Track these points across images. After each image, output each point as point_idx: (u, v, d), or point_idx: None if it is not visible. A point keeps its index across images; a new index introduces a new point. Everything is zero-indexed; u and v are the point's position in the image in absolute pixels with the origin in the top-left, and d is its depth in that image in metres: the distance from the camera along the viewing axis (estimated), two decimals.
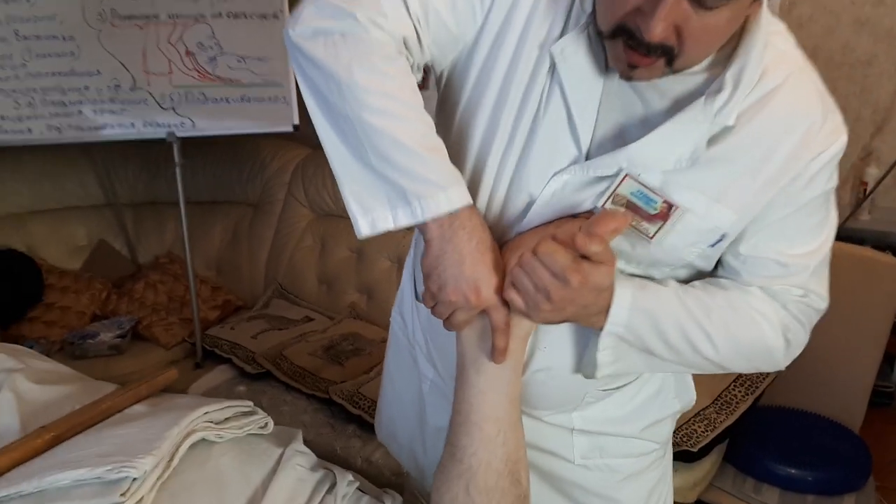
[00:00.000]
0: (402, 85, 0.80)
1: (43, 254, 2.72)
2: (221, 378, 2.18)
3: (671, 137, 0.77)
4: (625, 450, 1.02)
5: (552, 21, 0.80)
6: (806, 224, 0.83)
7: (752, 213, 0.81)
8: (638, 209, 0.79)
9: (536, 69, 0.81)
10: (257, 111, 2.35)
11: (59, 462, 0.91)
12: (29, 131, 2.21)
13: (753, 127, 0.78)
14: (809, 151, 0.78)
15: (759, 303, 0.85)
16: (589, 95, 0.79)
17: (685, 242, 0.82)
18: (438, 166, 0.79)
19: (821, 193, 0.82)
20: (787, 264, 0.84)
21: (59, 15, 2.17)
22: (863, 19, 2.41)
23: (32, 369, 1.18)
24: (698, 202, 0.79)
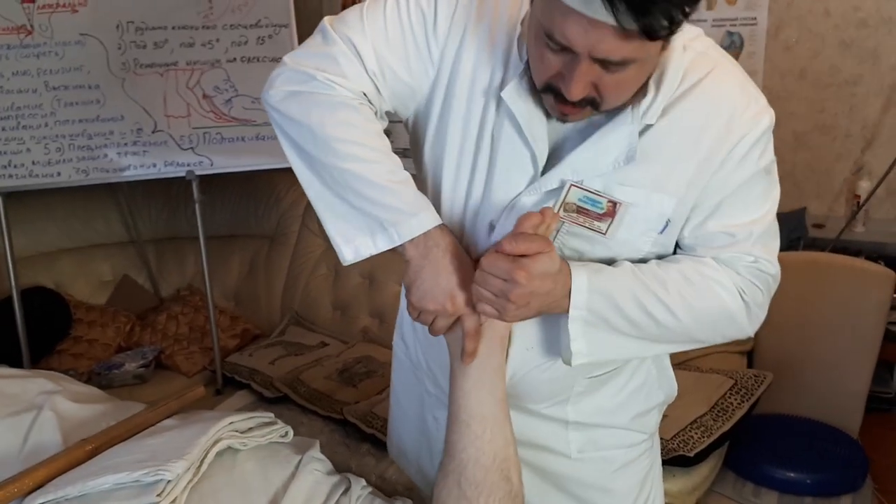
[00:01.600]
0: (366, 132, 0.92)
1: (71, 290, 2.85)
2: (241, 403, 2.28)
3: (604, 144, 0.87)
4: (616, 441, 1.09)
5: (492, 70, 0.92)
6: (747, 198, 0.92)
7: (692, 197, 0.90)
8: (588, 212, 0.90)
9: (485, 111, 0.93)
10: (271, 148, 2.48)
11: (100, 468, 1.01)
12: (58, 174, 2.35)
13: (677, 119, 0.87)
14: (734, 135, 0.87)
15: (711, 271, 0.92)
16: (538, 125, 0.90)
17: (636, 233, 0.91)
18: (407, 197, 0.91)
19: (755, 172, 0.90)
20: (734, 234, 0.92)
21: (86, 66, 2.32)
22: (847, 41, 2.51)
23: (70, 391, 1.28)
24: (639, 195, 0.89)
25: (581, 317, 0.89)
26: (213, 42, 2.40)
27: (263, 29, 2.44)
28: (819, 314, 2.09)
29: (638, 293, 0.90)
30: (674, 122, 0.88)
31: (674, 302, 0.91)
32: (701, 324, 0.94)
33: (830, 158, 2.63)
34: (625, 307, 0.90)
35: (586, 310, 0.89)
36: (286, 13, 2.44)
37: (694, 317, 0.92)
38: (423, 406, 1.20)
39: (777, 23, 2.56)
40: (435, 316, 0.92)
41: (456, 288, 0.90)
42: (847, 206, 2.63)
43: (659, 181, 0.89)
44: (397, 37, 0.94)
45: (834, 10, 2.49)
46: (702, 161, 0.88)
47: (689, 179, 0.89)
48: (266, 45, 2.44)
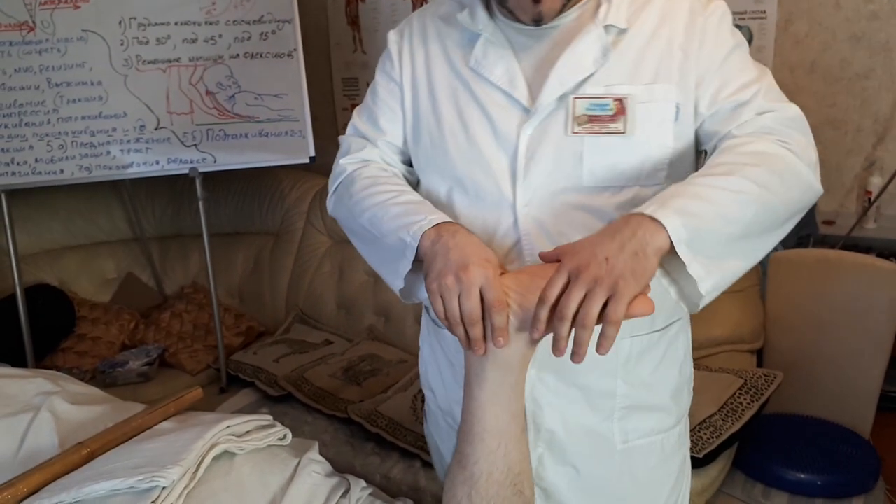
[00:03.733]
0: (370, 181, 1.07)
1: (75, 287, 2.84)
2: (245, 401, 2.27)
3: (579, 51, 0.96)
4: (657, 424, 1.09)
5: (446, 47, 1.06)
6: (736, 67, 0.97)
7: (690, 81, 0.96)
8: (599, 118, 0.95)
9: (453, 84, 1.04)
10: (275, 145, 2.47)
11: (95, 474, 0.99)
12: (61, 172, 2.35)
13: (644, 21, 0.97)
14: (700, 18, 0.97)
15: (749, 142, 0.90)
16: (511, 68, 0.99)
17: (653, 125, 0.96)
18: (414, 209, 0.99)
19: (732, 45, 0.97)
20: (743, 100, 0.95)
21: (89, 62, 2.31)
22: (858, 34, 2.46)
23: (68, 392, 1.27)
24: (638, 90, 0.95)
25: (683, 239, 0.80)
26: (215, 38, 2.39)
27: (267, 24, 2.42)
28: (829, 312, 2.06)
29: (713, 183, 0.84)
30: (642, 24, 0.97)
31: (742, 174, 0.85)
32: (774, 187, 0.86)
33: (841, 154, 2.59)
34: (714, 206, 0.83)
35: (686, 231, 0.80)
36: (290, 8, 2.42)
37: (764, 182, 0.85)
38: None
39: (787, 16, 2.52)
40: (456, 295, 0.87)
41: (467, 259, 0.88)
42: (858, 202, 2.59)
43: (650, 73, 0.96)
44: (374, 92, 1.14)
45: (845, 3, 2.44)
46: (682, 45, 0.96)
47: (677, 65, 0.96)
48: (269, 41, 2.43)
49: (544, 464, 1.08)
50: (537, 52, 1.00)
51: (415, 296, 1.04)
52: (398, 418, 1.98)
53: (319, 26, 2.92)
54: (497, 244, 1.01)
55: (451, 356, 1.13)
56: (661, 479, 1.12)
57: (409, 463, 1.90)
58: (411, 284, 1.01)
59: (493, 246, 1.00)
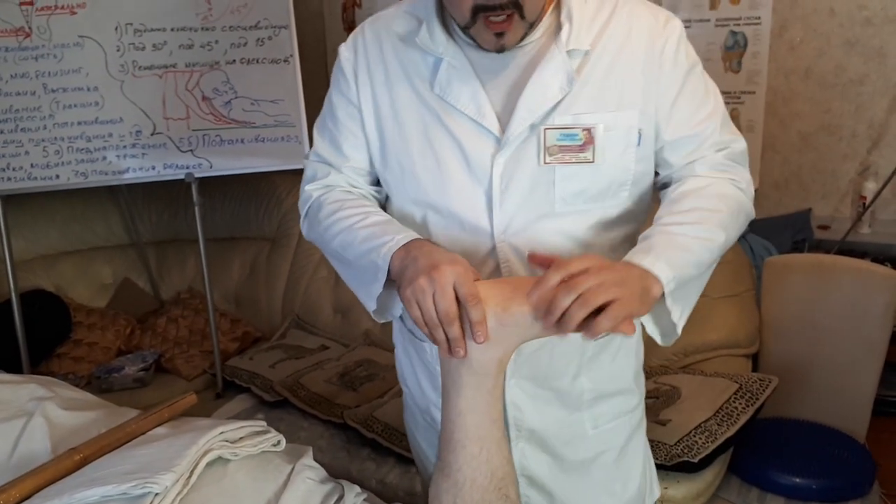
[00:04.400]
0: (340, 205, 1.08)
1: (71, 293, 2.84)
2: (241, 407, 2.27)
3: (545, 78, 0.97)
4: (621, 407, 1.15)
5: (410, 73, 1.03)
6: (694, 97, 1.02)
7: (651, 107, 0.99)
8: (570, 147, 0.98)
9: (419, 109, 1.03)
10: (271, 150, 2.47)
11: (87, 480, 0.99)
12: (57, 177, 2.34)
13: (606, 43, 0.99)
14: (658, 42, 0.99)
15: (700, 182, 1.01)
16: (477, 95, 0.99)
17: (618, 151, 0.99)
18: (381, 231, 1.00)
19: (689, 67, 1.01)
20: (698, 133, 1.02)
21: (85, 68, 2.31)
22: (852, 40, 2.48)
23: (62, 397, 1.27)
24: (604, 117, 0.98)
25: (671, 291, 0.91)
26: (212, 44, 2.39)
27: (263, 30, 2.43)
28: (825, 317, 2.07)
29: (689, 232, 0.95)
30: (603, 48, 0.98)
31: (711, 222, 0.96)
32: (732, 228, 1.00)
33: (836, 159, 2.60)
34: (691, 254, 0.94)
35: (674, 282, 0.91)
36: (286, 14, 2.42)
37: (726, 225, 0.98)
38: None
39: (781, 22, 2.53)
40: (430, 297, 0.88)
41: (437, 260, 0.90)
42: (853, 207, 2.60)
43: (615, 100, 0.98)
44: (333, 114, 1.12)
45: (839, 9, 2.46)
46: (643, 69, 0.98)
47: (639, 89, 0.99)
48: (266, 47, 2.43)
49: (527, 455, 1.13)
50: (502, 76, 1.00)
51: (388, 313, 1.07)
52: (394, 423, 1.98)
53: (316, 32, 2.93)
54: (476, 269, 1.00)
55: (429, 365, 1.15)
56: (632, 454, 1.19)
57: (406, 468, 1.90)
58: (385, 302, 1.04)
59: None
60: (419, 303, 0.89)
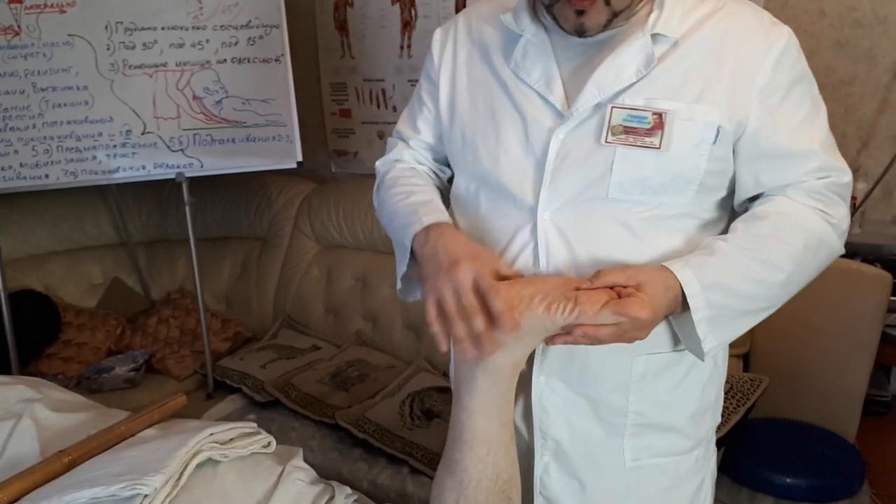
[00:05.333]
0: (395, 181, 1.11)
1: (60, 293, 2.82)
2: (232, 407, 2.26)
3: (622, 58, 0.93)
4: (671, 446, 1.05)
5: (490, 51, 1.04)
6: (798, 111, 0.93)
7: (736, 108, 0.92)
8: (636, 130, 0.92)
9: (491, 83, 1.03)
10: (262, 150, 2.46)
11: (76, 482, 0.99)
12: (46, 177, 2.33)
13: (699, 38, 0.93)
14: (761, 45, 0.91)
15: (789, 206, 0.94)
16: (549, 71, 0.98)
17: (689, 144, 0.92)
18: (414, 210, 1.02)
19: (795, 78, 0.93)
20: (801, 151, 0.93)
21: (75, 67, 2.30)
22: (842, 41, 2.49)
23: (50, 399, 1.26)
24: (680, 106, 0.91)
25: (705, 317, 0.90)
26: (203, 43, 2.38)
27: (254, 30, 2.41)
28: (815, 317, 2.07)
29: (745, 267, 0.91)
30: (695, 42, 0.93)
31: (777, 257, 0.92)
32: (805, 265, 0.94)
33: None
34: (740, 288, 0.91)
35: (707, 308, 0.89)
36: (277, 13, 2.41)
37: (798, 261, 0.93)
38: None
39: None
40: (450, 295, 0.89)
41: (457, 256, 0.91)
42: None
43: (696, 92, 0.92)
44: (417, 92, 1.15)
45: (829, 10, 2.47)
46: (733, 72, 0.91)
47: (724, 88, 0.91)
48: (257, 46, 2.42)
49: (549, 473, 1.06)
50: (579, 57, 0.97)
51: (412, 294, 1.09)
52: (386, 424, 1.98)
53: (307, 31, 2.92)
54: (513, 247, 1.00)
55: None
56: (673, 502, 1.08)
57: (397, 469, 1.89)
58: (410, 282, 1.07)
59: (509, 248, 1.00)
60: (441, 300, 0.90)
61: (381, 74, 2.78)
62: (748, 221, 0.95)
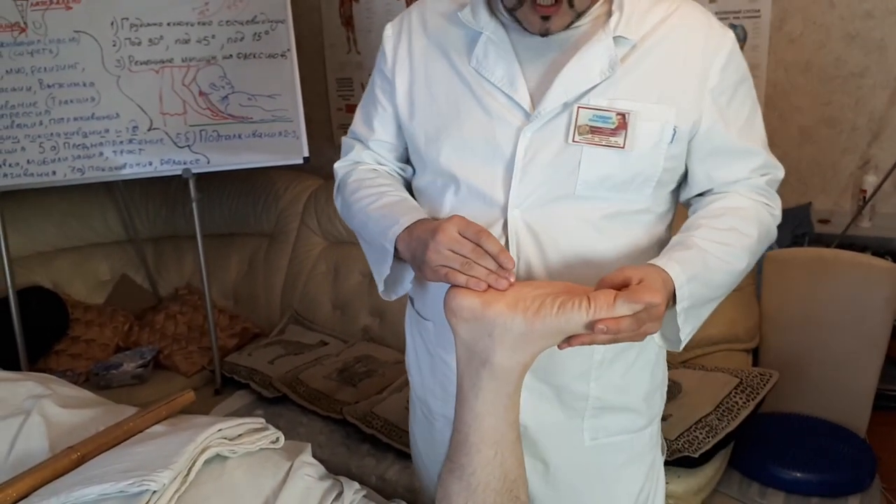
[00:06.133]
0: (360, 184, 1.11)
1: (68, 289, 2.83)
2: (240, 403, 2.26)
3: (586, 60, 0.96)
4: (626, 424, 1.12)
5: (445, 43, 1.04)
6: (742, 110, 1.01)
7: (695, 111, 0.98)
8: (601, 129, 0.96)
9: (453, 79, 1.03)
10: (269, 146, 2.46)
11: (85, 478, 0.99)
12: (53, 174, 2.33)
13: (656, 39, 0.97)
14: (713, 46, 0.97)
15: (742, 201, 1.02)
16: (512, 70, 0.99)
17: (650, 143, 0.97)
18: (390, 213, 1.03)
19: (740, 79, 1.00)
20: (748, 149, 1.02)
21: (81, 63, 2.30)
22: (853, 33, 2.46)
23: (59, 395, 1.26)
24: (642, 107, 0.96)
25: (685, 307, 0.94)
26: (208, 38, 2.38)
27: (260, 25, 2.41)
28: (825, 311, 2.06)
29: (718, 258, 0.96)
30: (653, 43, 0.97)
31: (741, 249, 0.99)
32: (757, 254, 1.03)
33: (836, 152, 2.58)
34: (713, 278, 0.97)
35: (689, 298, 0.93)
36: (283, 9, 2.41)
37: (754, 252, 1.01)
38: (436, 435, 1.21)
39: (781, 14, 2.51)
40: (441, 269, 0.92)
41: (436, 225, 0.94)
42: (853, 200, 2.59)
43: (655, 92, 0.96)
44: (370, 91, 1.14)
45: (839, 1, 2.44)
46: (689, 72, 0.97)
47: (684, 89, 0.97)
48: (262, 42, 2.42)
49: None
50: (541, 56, 1.00)
51: (394, 292, 1.12)
52: (394, 419, 1.97)
53: (313, 27, 2.91)
54: None
55: (430, 346, 1.15)
56: (630, 477, 1.15)
57: (405, 464, 1.89)
58: (391, 280, 1.09)
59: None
60: (444, 266, 0.91)
61: None
62: (710, 217, 1.01)
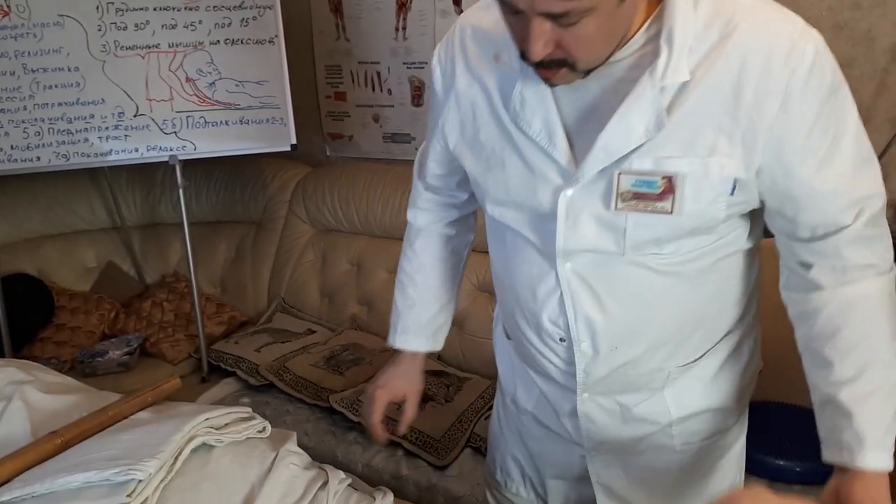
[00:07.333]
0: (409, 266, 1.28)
1: (54, 277, 2.81)
2: (227, 391, 2.26)
3: (631, 118, 0.83)
4: (717, 424, 1.10)
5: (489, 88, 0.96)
6: (824, 139, 0.83)
7: (758, 152, 0.83)
8: (646, 196, 0.87)
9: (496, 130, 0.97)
10: (256, 133, 2.44)
11: (69, 465, 0.98)
12: (38, 159, 2.30)
13: (712, 74, 0.81)
14: (782, 68, 0.80)
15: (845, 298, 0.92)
16: (550, 121, 0.90)
17: (705, 201, 0.86)
18: (395, 321, 1.29)
19: (822, 99, 0.82)
20: (833, 190, 0.85)
21: (66, 47, 2.26)
22: (841, 23, 2.47)
23: (41, 381, 1.26)
24: (693, 164, 0.84)
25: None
26: (195, 24, 2.35)
27: (247, 10, 2.38)
28: None
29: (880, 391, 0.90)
30: (708, 79, 0.81)
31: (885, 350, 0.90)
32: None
33: None
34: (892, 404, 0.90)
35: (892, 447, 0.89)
36: None
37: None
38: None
39: None
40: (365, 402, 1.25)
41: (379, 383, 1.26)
42: None
43: (709, 143, 0.83)
44: (431, 130, 1.12)
45: None
46: (751, 113, 0.81)
47: (742, 134, 0.82)
48: (250, 27, 2.39)
49: (594, 462, 1.15)
50: (581, 97, 0.89)
51: None
52: None
53: (302, 13, 2.88)
54: (540, 294, 1.00)
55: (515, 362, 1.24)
56: (723, 469, 1.16)
57: (391, 452, 1.90)
58: None
59: (537, 295, 1.00)
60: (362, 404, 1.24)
61: (376, 57, 2.75)
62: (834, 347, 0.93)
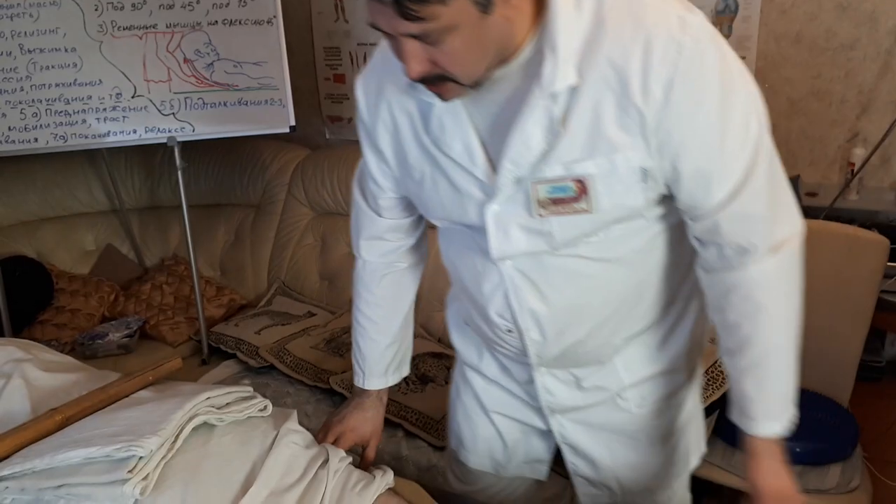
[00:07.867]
0: (357, 296, 1.26)
1: (53, 259, 2.80)
2: (227, 373, 2.26)
3: (527, 127, 0.86)
4: (670, 386, 1.14)
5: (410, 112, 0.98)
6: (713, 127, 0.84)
7: (651, 141, 0.84)
8: (563, 200, 0.90)
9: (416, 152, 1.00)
10: (255, 114, 2.42)
11: (70, 441, 0.98)
12: (35, 140, 2.29)
13: (599, 73, 0.82)
14: (662, 62, 0.79)
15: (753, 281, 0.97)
16: (469, 142, 0.92)
17: (619, 195, 0.88)
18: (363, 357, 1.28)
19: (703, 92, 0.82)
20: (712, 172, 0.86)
21: (62, 28, 2.25)
22: (844, 4, 2.45)
23: (41, 359, 1.25)
24: (600, 164, 0.86)
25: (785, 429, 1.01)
26: (193, 4, 2.33)
27: None
28: (810, 282, 2.03)
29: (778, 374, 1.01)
30: (597, 79, 0.82)
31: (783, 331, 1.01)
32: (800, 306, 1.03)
33: (825, 125, 2.58)
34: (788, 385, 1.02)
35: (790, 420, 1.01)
36: None
37: (798, 310, 1.02)
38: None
39: None
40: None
41: (334, 420, 1.29)
42: (841, 173, 2.59)
43: (609, 140, 0.84)
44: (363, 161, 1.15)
45: None
46: (639, 103, 0.81)
47: (638, 126, 0.83)
48: (248, 8, 2.37)
49: (564, 426, 1.18)
50: (489, 110, 0.91)
51: None
52: None
53: None
54: (485, 290, 1.04)
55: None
56: (681, 427, 1.19)
57: (392, 432, 1.90)
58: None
59: (483, 291, 1.04)
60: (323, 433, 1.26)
61: (375, 38, 2.72)
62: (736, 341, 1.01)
